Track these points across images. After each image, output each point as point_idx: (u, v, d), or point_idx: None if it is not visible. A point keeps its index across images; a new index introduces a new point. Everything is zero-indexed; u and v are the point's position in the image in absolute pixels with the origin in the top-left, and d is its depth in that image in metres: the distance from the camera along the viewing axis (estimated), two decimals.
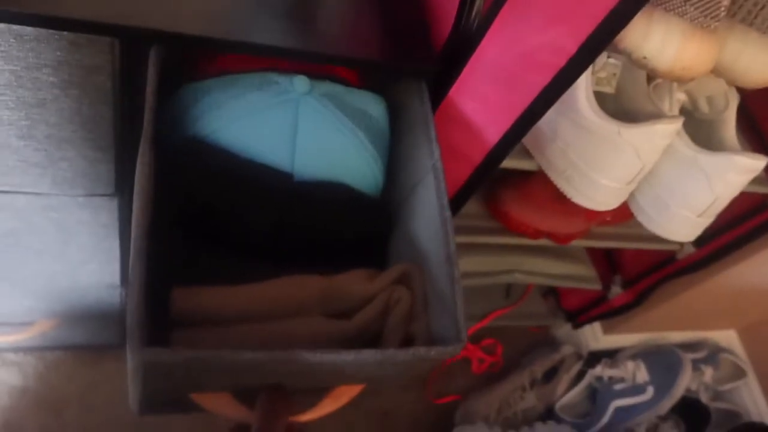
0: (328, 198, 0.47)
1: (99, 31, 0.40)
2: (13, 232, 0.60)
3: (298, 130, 0.46)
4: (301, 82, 0.46)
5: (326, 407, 0.46)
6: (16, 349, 0.89)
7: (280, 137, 0.45)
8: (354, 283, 0.44)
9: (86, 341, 0.88)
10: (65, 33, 0.41)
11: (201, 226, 0.47)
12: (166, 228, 0.42)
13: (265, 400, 0.40)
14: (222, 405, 0.44)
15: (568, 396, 1.10)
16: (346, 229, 0.49)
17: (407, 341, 0.44)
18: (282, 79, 0.46)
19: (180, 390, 0.43)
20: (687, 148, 0.59)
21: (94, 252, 0.65)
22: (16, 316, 0.78)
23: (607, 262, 1.07)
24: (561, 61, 0.44)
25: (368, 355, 0.37)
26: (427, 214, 0.46)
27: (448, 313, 0.41)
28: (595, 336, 1.15)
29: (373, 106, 0.49)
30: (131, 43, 0.43)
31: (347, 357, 0.36)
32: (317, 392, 0.46)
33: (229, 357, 0.34)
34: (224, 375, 0.39)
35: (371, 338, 0.44)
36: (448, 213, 0.44)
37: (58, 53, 0.42)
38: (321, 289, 0.43)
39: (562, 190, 0.63)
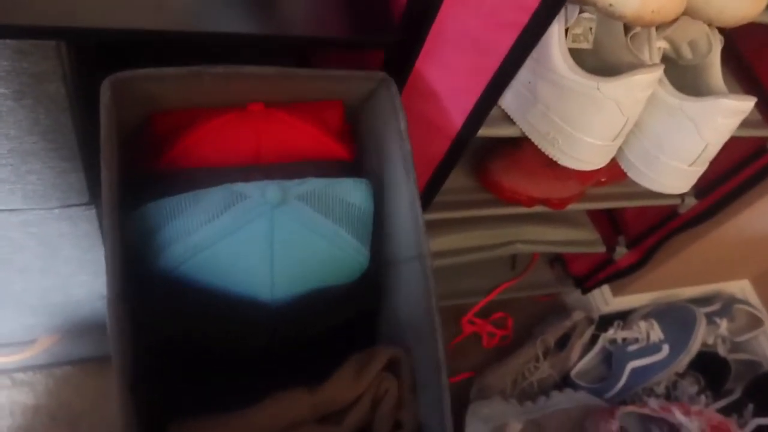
0: (310, 308, 0.46)
1: (40, 36, 0.39)
2: None
3: (274, 245, 0.42)
4: (273, 193, 0.42)
5: None
6: (25, 368, 0.89)
7: (257, 257, 0.42)
8: (341, 388, 0.44)
9: (92, 353, 0.88)
10: (7, 41, 0.39)
11: (187, 351, 0.47)
12: (152, 356, 0.42)
13: None
14: None
15: (583, 362, 1.08)
16: (331, 322, 0.49)
17: (396, 427, 0.45)
18: (252, 191, 0.42)
19: None
20: (671, 97, 0.57)
21: (81, 264, 0.64)
22: (17, 335, 0.78)
23: (610, 223, 1.05)
24: (524, 18, 0.43)
25: None
26: (412, 297, 0.46)
27: (435, 400, 0.42)
28: (605, 299, 1.14)
29: (354, 193, 0.47)
30: (78, 45, 0.42)
31: None
32: None
33: None
34: None
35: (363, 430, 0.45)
36: (434, 300, 0.44)
37: (4, 62, 0.41)
38: (310, 406, 0.44)
39: (547, 153, 0.61)
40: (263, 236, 0.42)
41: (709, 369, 1.11)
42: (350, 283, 0.48)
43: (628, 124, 0.56)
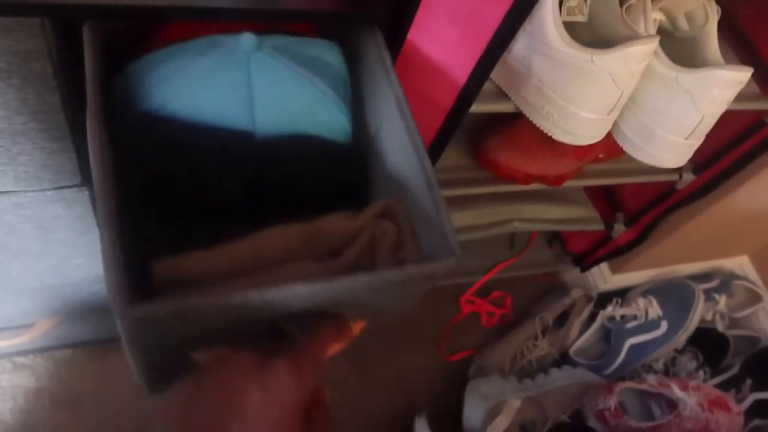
0: (295, 150, 0.46)
1: (22, 12, 0.39)
2: None
3: (252, 88, 0.44)
4: (247, 40, 0.43)
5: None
6: (26, 352, 0.89)
7: (235, 99, 0.44)
8: (336, 223, 0.43)
9: (91, 336, 0.89)
10: None
11: (170, 200, 0.46)
12: (134, 204, 0.41)
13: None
14: None
15: (582, 339, 1.09)
16: (318, 179, 0.48)
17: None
18: (227, 40, 0.44)
19: (179, 354, 0.42)
20: (667, 69, 0.56)
21: (76, 246, 0.64)
22: (16, 319, 0.78)
23: (608, 200, 1.05)
24: None
25: (361, 279, 0.36)
26: (397, 145, 0.44)
27: (437, 232, 0.40)
28: (603, 277, 1.14)
29: (327, 52, 0.47)
30: (62, 22, 0.41)
31: (339, 284, 0.35)
32: None
33: (217, 300, 0.33)
34: (218, 326, 0.38)
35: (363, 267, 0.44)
36: (418, 137, 0.42)
37: None
38: (304, 234, 0.42)
39: (542, 128, 0.61)
40: (241, 80, 0.43)
41: (708, 345, 1.12)
42: (333, 143, 0.48)
43: (624, 97, 0.55)
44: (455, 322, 1.10)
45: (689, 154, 0.61)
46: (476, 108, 0.58)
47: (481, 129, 0.79)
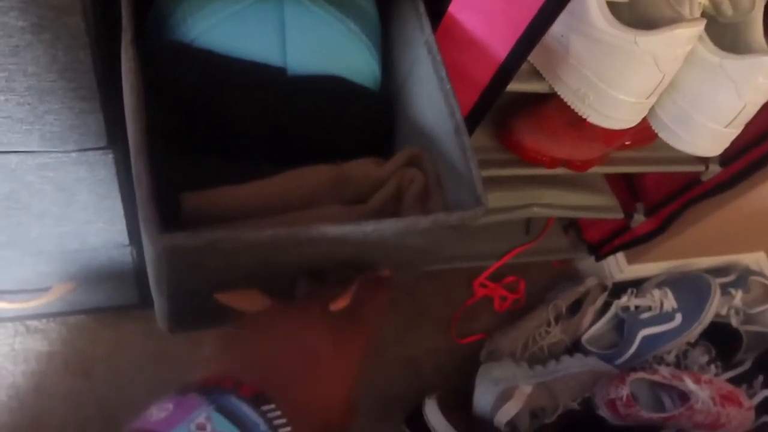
0: (325, 90, 0.45)
1: None
2: (13, 195, 0.58)
3: (285, 25, 0.43)
4: None
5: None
6: (39, 316, 0.89)
7: (268, 34, 0.43)
8: (364, 168, 0.43)
9: (106, 303, 0.88)
10: None
11: (197, 137, 0.46)
12: (162, 140, 0.41)
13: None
14: (249, 301, 0.43)
15: (594, 328, 1.08)
16: (346, 122, 0.47)
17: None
18: None
19: (204, 292, 0.41)
20: (711, 54, 0.55)
21: (97, 211, 0.63)
22: (32, 282, 0.78)
23: (629, 189, 1.03)
24: None
25: (388, 224, 0.35)
26: (427, 92, 0.44)
27: (465, 182, 0.39)
28: (619, 267, 1.13)
29: None
30: None
31: (367, 227, 0.35)
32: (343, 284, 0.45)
33: (248, 235, 0.33)
34: (244, 265, 0.38)
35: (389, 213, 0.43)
36: (448, 86, 0.41)
37: None
38: (331, 176, 0.42)
39: (576, 110, 0.59)
40: (275, 15, 0.43)
41: (721, 339, 1.11)
42: (362, 87, 0.47)
43: (665, 81, 0.54)
44: (468, 305, 1.09)
45: (727, 143, 0.59)
46: (509, 87, 0.57)
47: (508, 110, 0.78)
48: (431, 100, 0.43)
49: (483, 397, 0.95)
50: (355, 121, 0.48)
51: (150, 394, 0.96)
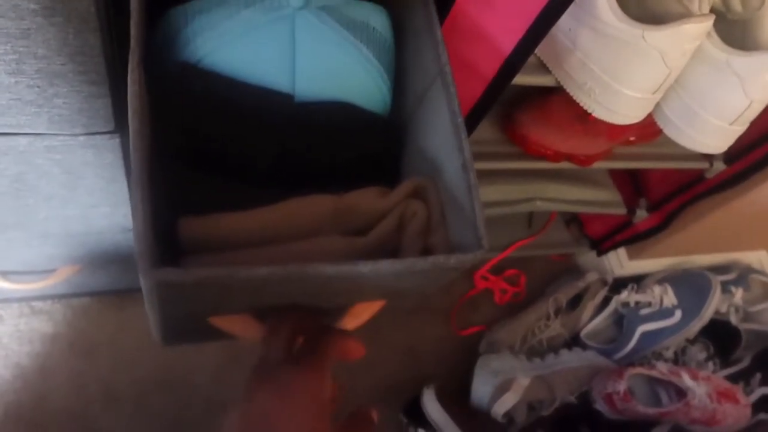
0: (333, 119, 0.45)
1: None
2: (22, 177, 0.59)
3: (296, 47, 0.43)
4: None
5: (346, 325, 0.46)
6: (44, 297, 0.90)
7: (278, 56, 0.43)
8: (366, 199, 0.42)
9: (110, 286, 0.89)
10: None
11: (201, 157, 0.46)
12: (166, 158, 0.41)
13: (274, 316, 0.40)
14: (242, 327, 0.43)
15: (594, 323, 1.09)
16: (353, 150, 0.47)
17: (426, 254, 0.42)
18: None
19: (197, 315, 0.42)
20: (718, 51, 0.55)
21: (103, 195, 0.64)
22: (38, 264, 0.79)
23: (632, 185, 1.04)
24: None
25: (386, 265, 0.35)
26: (438, 123, 0.43)
27: (467, 221, 0.39)
28: (620, 262, 1.13)
29: (375, 17, 0.46)
30: None
31: (364, 268, 0.35)
32: (337, 311, 0.45)
33: (242, 274, 0.33)
34: (239, 296, 0.38)
35: (388, 255, 0.43)
36: (460, 119, 0.41)
37: None
38: (333, 207, 0.42)
39: (582, 104, 0.60)
40: (285, 37, 0.42)
41: (720, 337, 1.11)
42: (371, 114, 0.47)
43: (671, 76, 0.54)
44: (468, 297, 1.10)
45: (732, 140, 0.59)
46: (515, 80, 0.57)
47: (513, 102, 0.78)
48: (441, 132, 0.43)
49: (481, 389, 0.96)
50: (361, 147, 0.47)
51: (152, 376, 0.96)
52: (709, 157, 0.83)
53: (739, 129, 0.58)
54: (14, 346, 0.87)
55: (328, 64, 0.44)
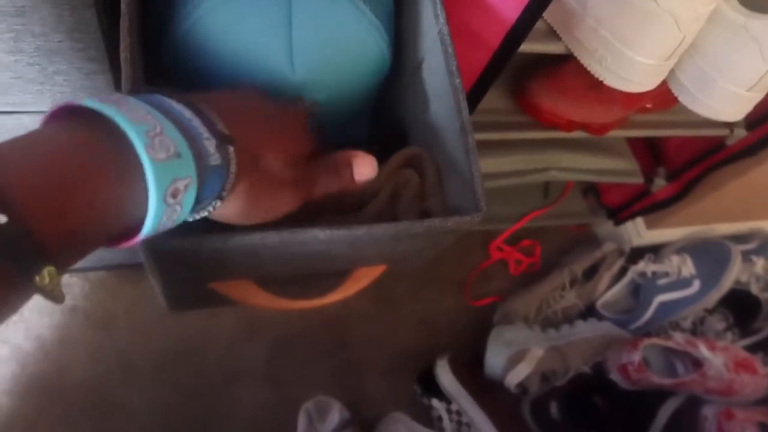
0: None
1: None
2: None
3: (292, 4, 0.42)
4: None
5: (348, 290, 0.46)
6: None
7: (275, 12, 0.42)
8: None
9: (127, 260, 0.91)
10: None
11: None
12: None
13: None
14: (245, 294, 0.43)
15: (610, 293, 1.08)
16: (356, 129, 0.46)
17: (423, 218, 0.42)
18: None
19: (199, 281, 0.42)
20: (735, 13, 0.52)
21: None
22: None
23: (650, 153, 1.01)
24: None
25: (382, 228, 0.35)
26: (437, 86, 0.42)
27: (466, 184, 0.38)
28: (637, 232, 1.11)
29: None
30: None
31: (359, 231, 0.35)
32: (339, 275, 0.46)
33: (237, 241, 0.33)
34: (240, 263, 0.38)
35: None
36: (458, 81, 0.40)
37: None
38: None
39: (593, 72, 0.58)
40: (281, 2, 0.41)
41: (739, 306, 1.10)
42: (374, 83, 0.47)
43: (685, 42, 0.52)
44: (483, 267, 1.10)
45: (749, 108, 0.57)
46: (524, 47, 0.55)
47: (525, 71, 0.76)
48: (440, 95, 0.42)
49: (494, 359, 0.96)
50: (363, 120, 0.47)
51: (169, 347, 0.98)
52: (730, 124, 0.81)
53: (757, 96, 0.56)
54: (35, 319, 0.89)
55: (325, 20, 0.43)
